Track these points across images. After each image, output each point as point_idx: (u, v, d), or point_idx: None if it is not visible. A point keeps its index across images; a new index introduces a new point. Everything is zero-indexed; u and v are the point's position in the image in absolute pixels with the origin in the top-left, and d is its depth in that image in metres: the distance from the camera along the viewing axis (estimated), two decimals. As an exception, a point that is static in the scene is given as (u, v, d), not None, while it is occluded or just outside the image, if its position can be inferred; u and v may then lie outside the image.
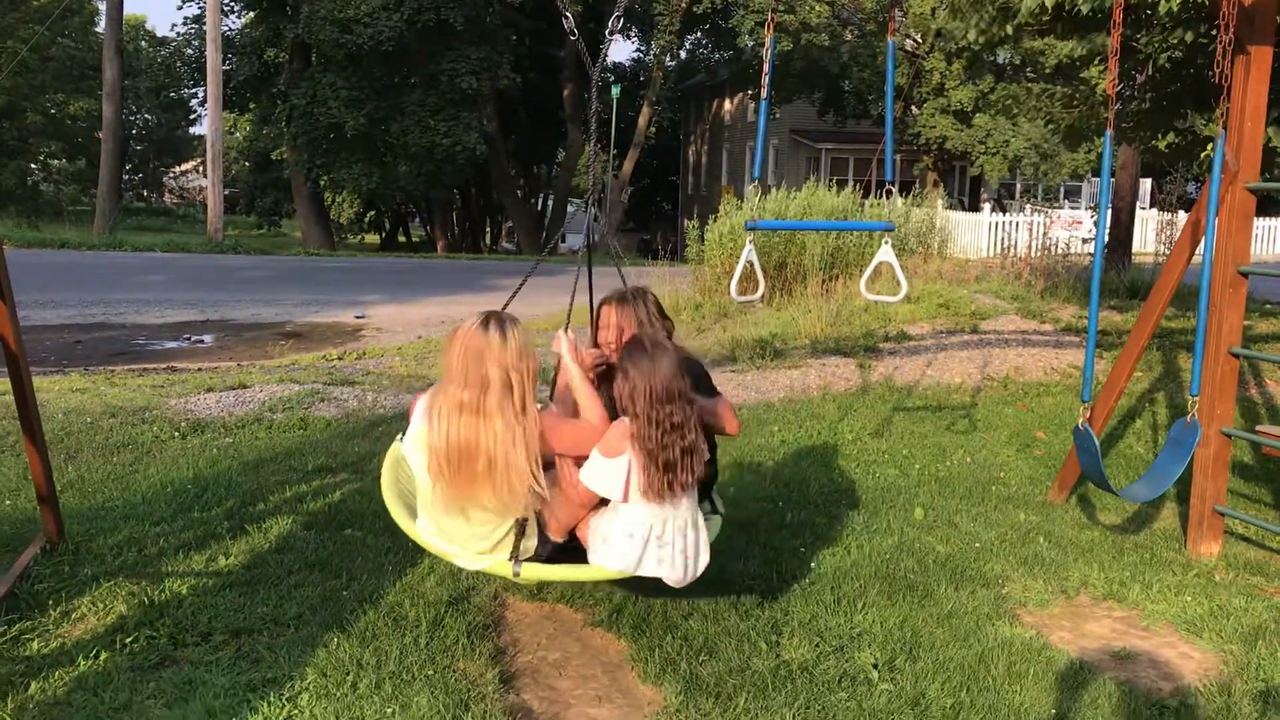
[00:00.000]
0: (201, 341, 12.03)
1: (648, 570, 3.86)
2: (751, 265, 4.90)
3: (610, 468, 3.82)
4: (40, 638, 4.00)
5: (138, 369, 9.75)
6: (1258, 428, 5.97)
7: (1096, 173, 28.42)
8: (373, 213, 48.30)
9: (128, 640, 3.97)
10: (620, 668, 4.09)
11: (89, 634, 4.05)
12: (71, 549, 4.82)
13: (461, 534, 3.89)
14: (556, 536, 4.02)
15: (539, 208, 47.53)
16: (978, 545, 5.52)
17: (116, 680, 3.68)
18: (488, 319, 3.76)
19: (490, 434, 3.67)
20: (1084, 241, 17.19)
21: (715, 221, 14.00)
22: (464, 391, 3.68)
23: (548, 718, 3.69)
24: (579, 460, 3.92)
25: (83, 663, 3.79)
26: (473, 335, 3.72)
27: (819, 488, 6.46)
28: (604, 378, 4.29)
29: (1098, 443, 5.30)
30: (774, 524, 5.69)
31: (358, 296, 16.05)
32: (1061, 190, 33.66)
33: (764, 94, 4.96)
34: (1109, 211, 5.30)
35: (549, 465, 3.95)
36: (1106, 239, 5.45)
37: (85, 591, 4.39)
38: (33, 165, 42.31)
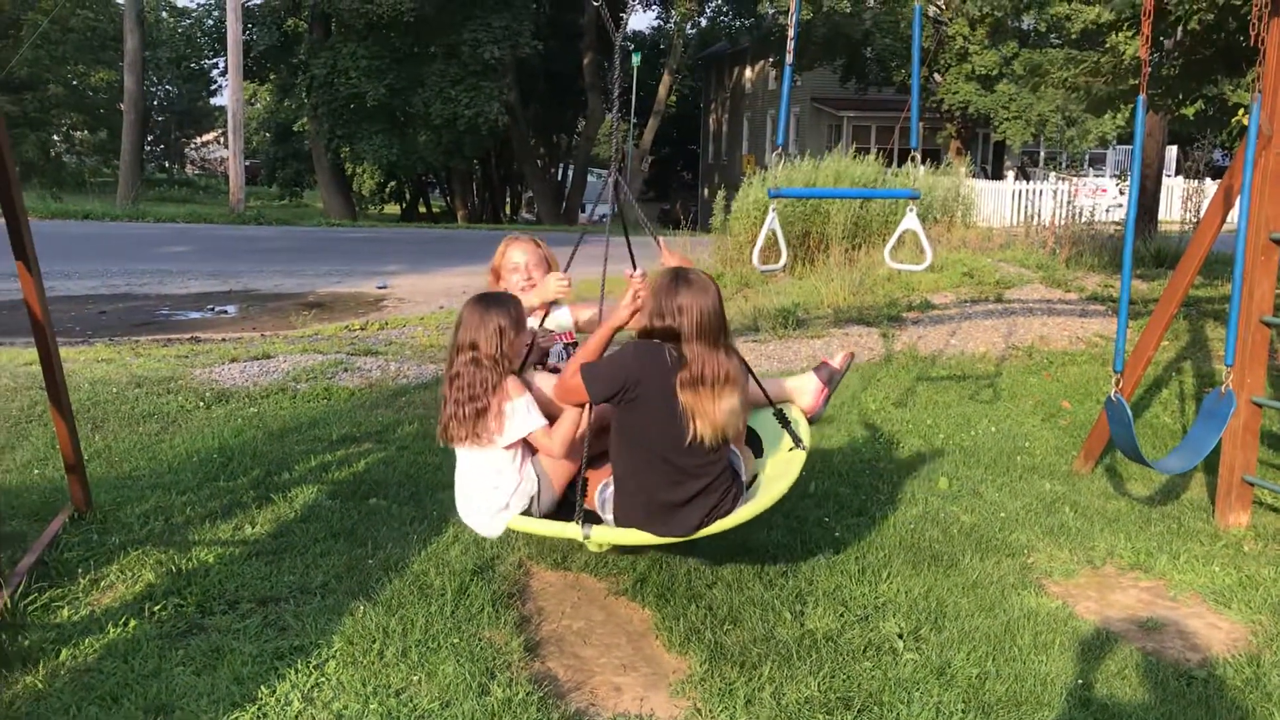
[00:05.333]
0: (225, 312, 12.08)
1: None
2: (775, 234, 4.86)
3: None
4: (70, 605, 4.03)
5: (162, 339, 9.80)
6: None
7: (1122, 140, 28.12)
8: (393, 183, 48.22)
9: (156, 608, 4.00)
10: (644, 636, 4.10)
11: (118, 602, 4.08)
12: (99, 518, 4.87)
13: None
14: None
15: (559, 177, 47.39)
16: (1003, 515, 5.49)
17: (145, 647, 3.71)
18: None
19: None
20: (1108, 210, 17.03)
21: (742, 191, 13.91)
22: None
23: (573, 686, 3.70)
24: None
25: (112, 630, 3.82)
26: None
27: (843, 457, 6.44)
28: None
29: (1130, 413, 5.25)
30: (798, 494, 5.67)
31: (379, 267, 16.07)
32: (1086, 158, 33.33)
33: (789, 59, 4.91)
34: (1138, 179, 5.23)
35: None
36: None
37: (113, 560, 4.42)
38: (55, 137, 42.35)
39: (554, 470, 4.22)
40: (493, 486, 4.14)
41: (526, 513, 4.18)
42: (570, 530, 4.03)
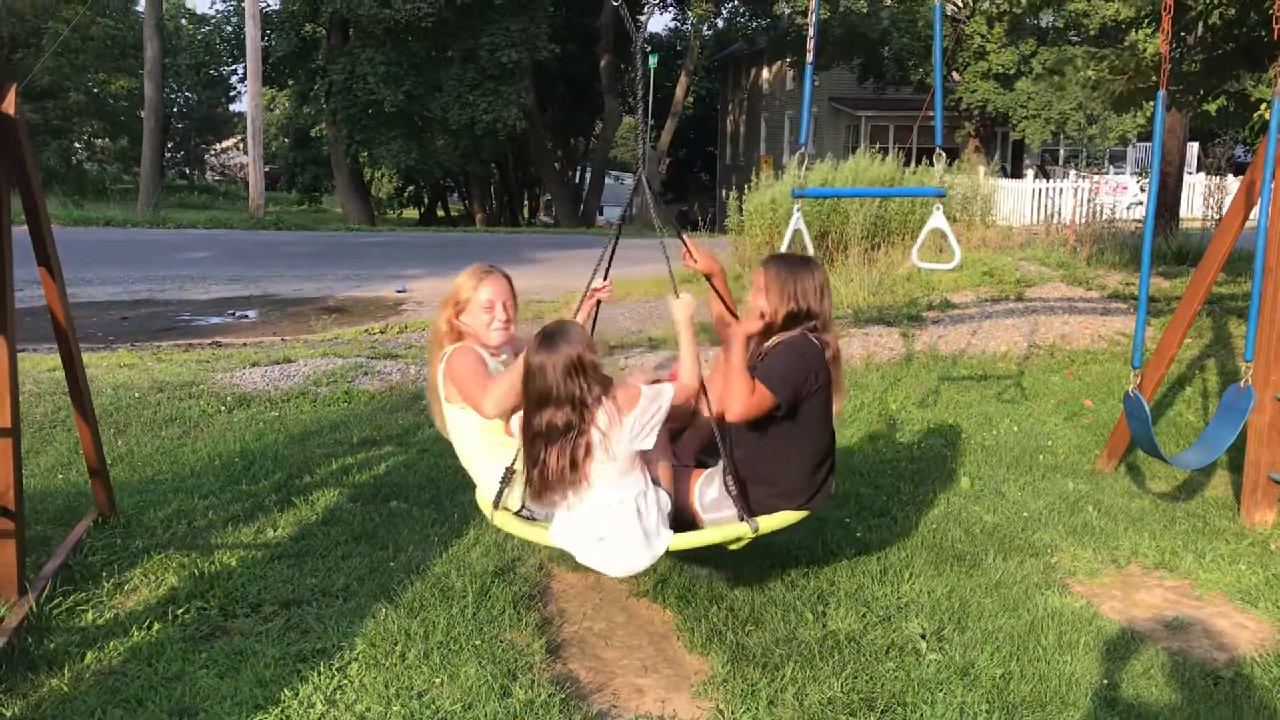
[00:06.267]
0: (245, 317, 12.13)
1: (555, 539, 3.92)
2: (800, 234, 4.84)
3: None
4: (94, 609, 4.06)
5: (183, 344, 9.85)
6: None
7: (1143, 137, 27.93)
8: (411, 187, 48.38)
9: (179, 611, 4.02)
10: (666, 638, 4.09)
11: (141, 605, 4.10)
12: (123, 522, 4.90)
13: None
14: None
15: (576, 180, 47.43)
16: (1025, 514, 5.46)
17: (169, 650, 3.73)
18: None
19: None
20: (1129, 207, 16.91)
21: (753, 191, 13.87)
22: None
23: (594, 687, 3.70)
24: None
25: (136, 633, 3.85)
26: None
27: (863, 458, 6.42)
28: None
29: (1149, 410, 5.21)
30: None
31: (398, 270, 16.10)
32: (1106, 155, 33.11)
33: (810, 58, 4.89)
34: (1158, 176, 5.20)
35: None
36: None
37: (137, 563, 4.45)
38: (76, 144, 42.64)
39: (664, 479, 3.99)
40: (640, 515, 3.78)
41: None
42: (735, 530, 3.94)
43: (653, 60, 27.91)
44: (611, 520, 3.76)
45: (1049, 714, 3.52)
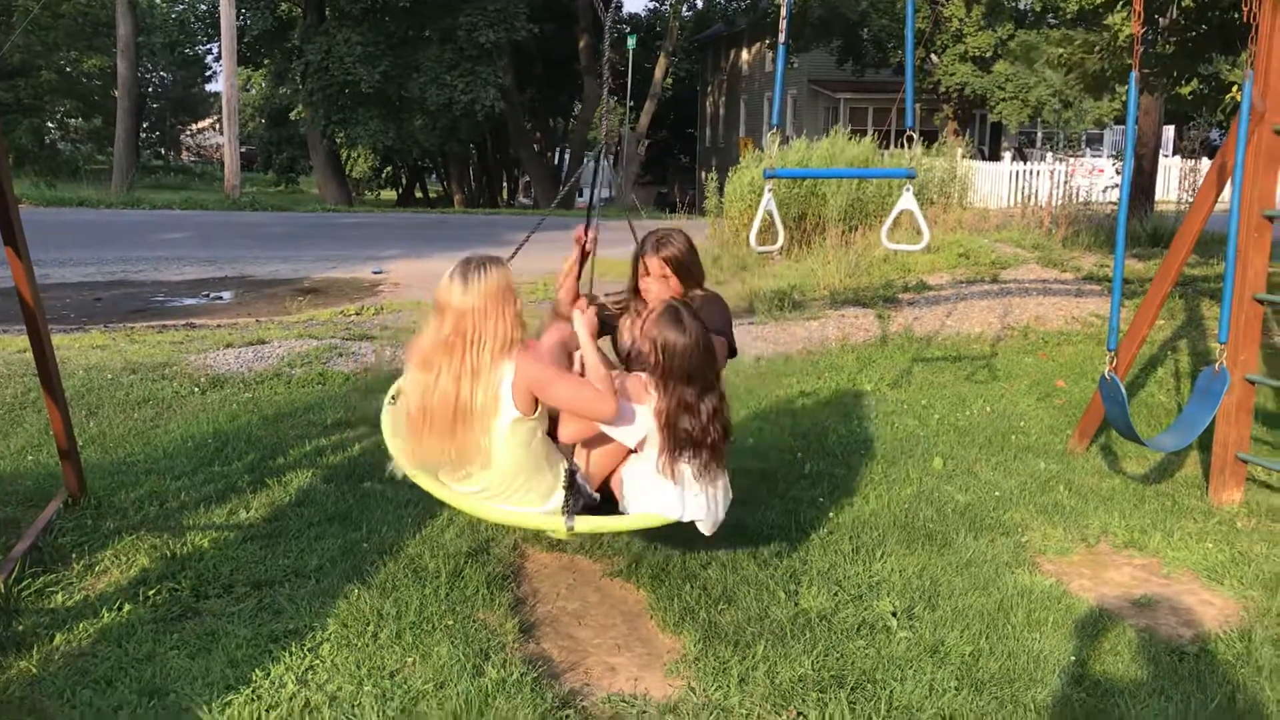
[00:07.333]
0: (220, 298, 12.06)
1: (690, 515, 3.95)
2: (770, 215, 4.85)
3: (631, 414, 3.90)
4: (64, 590, 4.03)
5: (157, 326, 9.78)
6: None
7: (1119, 120, 28.00)
8: (389, 168, 48.11)
9: (150, 592, 4.00)
10: (639, 617, 4.11)
11: (112, 586, 4.08)
12: (93, 503, 4.86)
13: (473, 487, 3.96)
14: (593, 488, 4.08)
15: (555, 161, 47.27)
16: (997, 494, 5.50)
17: (139, 632, 3.72)
18: (456, 266, 3.79)
19: (450, 384, 3.71)
20: (1105, 190, 17.00)
21: (736, 173, 13.88)
22: (431, 343, 3.77)
23: (567, 666, 3.71)
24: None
25: (106, 615, 3.83)
26: (440, 286, 3.77)
27: (837, 438, 6.45)
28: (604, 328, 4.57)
29: (1125, 393, 5.25)
30: (792, 475, 5.68)
31: (375, 252, 16.03)
32: (1083, 138, 33.21)
33: (781, 38, 4.88)
34: (1132, 159, 5.23)
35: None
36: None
37: (107, 545, 4.42)
38: (49, 124, 42.14)
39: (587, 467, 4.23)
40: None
41: None
42: None
43: (631, 41, 27.79)
44: (723, 494, 4.10)
45: (1017, 690, 3.55)
